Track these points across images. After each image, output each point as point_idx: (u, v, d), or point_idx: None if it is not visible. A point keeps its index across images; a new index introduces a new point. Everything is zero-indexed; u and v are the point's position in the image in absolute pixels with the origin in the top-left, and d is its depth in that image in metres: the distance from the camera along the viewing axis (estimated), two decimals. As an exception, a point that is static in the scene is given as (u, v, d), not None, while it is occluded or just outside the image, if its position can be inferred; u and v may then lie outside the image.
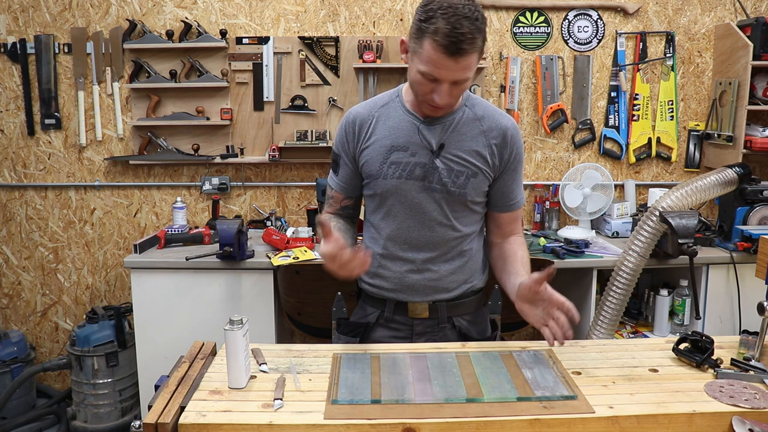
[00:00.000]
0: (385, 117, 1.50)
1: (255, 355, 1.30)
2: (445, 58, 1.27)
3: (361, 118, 1.52)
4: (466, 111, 1.48)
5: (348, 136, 1.53)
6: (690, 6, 3.06)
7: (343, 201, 1.59)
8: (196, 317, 2.57)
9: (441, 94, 1.34)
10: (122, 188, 3.14)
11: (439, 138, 1.46)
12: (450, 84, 1.33)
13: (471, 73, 1.33)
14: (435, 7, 1.27)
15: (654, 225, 2.48)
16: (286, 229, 2.92)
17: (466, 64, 1.30)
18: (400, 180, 1.46)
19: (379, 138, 1.49)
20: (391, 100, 1.53)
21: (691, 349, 1.29)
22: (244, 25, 3.01)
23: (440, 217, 1.48)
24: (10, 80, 3.02)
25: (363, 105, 1.56)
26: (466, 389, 1.14)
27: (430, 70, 1.30)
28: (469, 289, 1.55)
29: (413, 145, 1.46)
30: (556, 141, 3.16)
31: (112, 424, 2.78)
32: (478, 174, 1.47)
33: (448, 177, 1.45)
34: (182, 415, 1.06)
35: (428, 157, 1.45)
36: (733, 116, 2.90)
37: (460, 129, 1.47)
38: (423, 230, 1.49)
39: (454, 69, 1.29)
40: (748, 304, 2.59)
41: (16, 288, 3.21)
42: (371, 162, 1.49)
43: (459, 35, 1.25)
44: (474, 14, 1.27)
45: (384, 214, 1.52)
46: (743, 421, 1.04)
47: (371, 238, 1.57)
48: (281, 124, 3.07)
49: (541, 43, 3.07)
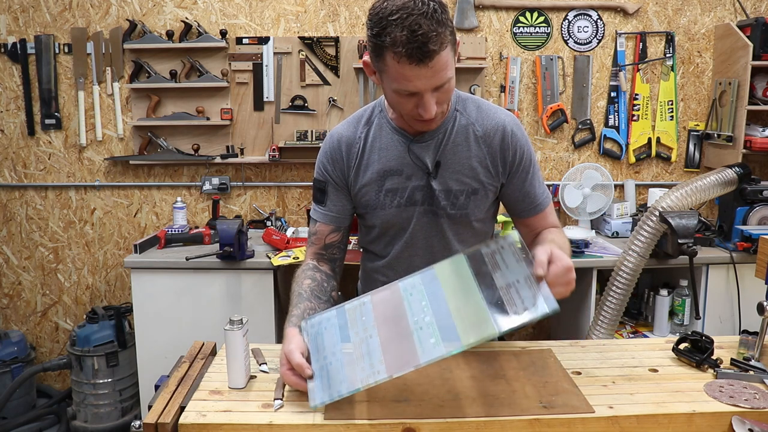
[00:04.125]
0: (373, 137, 1.37)
1: (255, 355, 1.30)
2: (415, 68, 1.11)
3: (347, 140, 1.38)
4: (458, 117, 1.35)
5: (335, 162, 1.38)
6: (690, 6, 3.06)
7: (328, 236, 1.43)
8: (196, 317, 2.57)
9: (426, 106, 1.17)
10: (122, 188, 3.14)
11: (433, 156, 1.33)
12: (431, 92, 1.17)
13: (450, 72, 1.16)
14: (385, 15, 1.11)
15: (654, 225, 2.48)
16: (286, 229, 2.92)
17: (441, 66, 1.13)
18: (399, 208, 1.36)
19: (371, 163, 1.36)
20: (374, 115, 1.39)
21: (691, 349, 1.29)
22: (244, 25, 3.01)
23: (443, 242, 1.39)
24: (10, 80, 3.02)
25: (345, 125, 1.41)
26: (441, 336, 1.01)
27: (403, 86, 1.15)
28: None
29: (407, 167, 1.33)
30: (556, 141, 3.17)
31: (112, 424, 2.78)
32: (478, 190, 1.35)
33: (446, 199, 1.35)
34: (182, 415, 1.06)
35: (425, 179, 1.34)
36: (733, 116, 2.90)
37: (455, 140, 1.34)
38: (426, 256, 1.39)
39: (428, 76, 1.13)
40: (748, 304, 2.59)
41: (17, 288, 3.21)
42: (366, 192, 1.37)
43: (420, 37, 1.08)
44: (430, 7, 1.10)
45: (385, 244, 1.43)
46: (743, 421, 1.04)
47: (371, 265, 1.49)
48: (281, 124, 3.07)
49: (541, 43, 3.07)
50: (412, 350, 1.02)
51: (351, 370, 1.05)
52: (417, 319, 1.06)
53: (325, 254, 1.45)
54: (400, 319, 1.08)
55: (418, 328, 1.05)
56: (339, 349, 1.09)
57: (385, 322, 1.09)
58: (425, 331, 1.04)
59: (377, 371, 1.03)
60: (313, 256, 1.46)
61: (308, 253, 1.47)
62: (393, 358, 1.03)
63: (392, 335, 1.07)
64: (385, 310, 1.11)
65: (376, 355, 1.05)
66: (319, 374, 1.08)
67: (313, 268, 1.41)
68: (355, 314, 1.14)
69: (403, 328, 1.07)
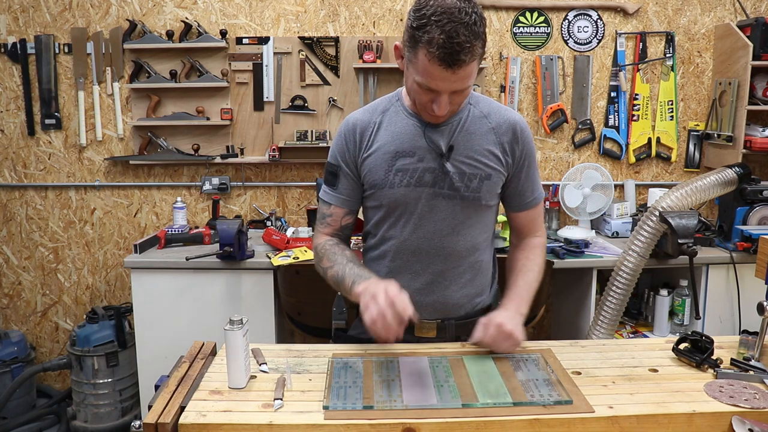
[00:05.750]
0: (387, 122, 1.42)
1: (255, 355, 1.30)
2: (442, 70, 1.19)
3: (362, 124, 1.43)
4: (472, 109, 1.41)
5: (349, 144, 1.43)
6: (690, 6, 3.06)
7: (344, 218, 1.48)
8: (196, 317, 2.57)
9: (440, 104, 1.26)
10: (122, 188, 3.14)
11: (447, 140, 1.37)
12: (450, 94, 1.25)
13: (471, 81, 1.25)
14: (428, 13, 1.17)
15: (654, 225, 2.48)
16: (286, 229, 2.92)
17: (465, 74, 1.21)
18: (408, 188, 1.38)
19: (383, 144, 1.40)
20: (391, 104, 1.45)
21: (691, 349, 1.29)
22: (244, 25, 3.01)
23: (452, 226, 1.40)
24: (10, 80, 3.02)
25: (362, 111, 1.47)
26: (461, 394, 1.13)
27: (426, 81, 1.23)
28: (479, 306, 1.49)
29: (420, 150, 1.38)
30: (556, 141, 3.17)
31: (112, 424, 2.78)
32: (492, 175, 1.40)
33: (460, 181, 1.38)
34: (182, 415, 1.07)
35: (437, 161, 1.37)
36: (733, 116, 2.90)
37: (468, 128, 1.39)
38: (433, 240, 1.41)
39: (452, 80, 1.21)
40: (748, 304, 2.59)
41: (17, 288, 3.21)
42: (375, 170, 1.40)
43: (455, 45, 1.16)
44: (471, 18, 1.17)
45: (390, 226, 1.44)
46: (743, 421, 1.04)
47: (375, 251, 1.49)
48: (281, 124, 3.07)
49: (541, 43, 3.07)
50: (429, 395, 1.13)
51: (368, 395, 1.13)
52: (439, 379, 1.19)
53: (342, 234, 1.51)
54: (424, 377, 1.21)
55: (438, 386, 1.16)
56: (360, 382, 1.18)
57: (410, 375, 1.21)
58: (445, 388, 1.15)
59: (394, 400, 1.11)
60: (329, 236, 1.50)
61: (322, 233, 1.50)
62: (411, 394, 1.13)
63: (413, 383, 1.18)
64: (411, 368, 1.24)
65: (396, 391, 1.14)
66: (337, 393, 1.14)
67: (338, 243, 1.48)
68: (380, 365, 1.26)
69: (425, 381, 1.18)
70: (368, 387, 1.15)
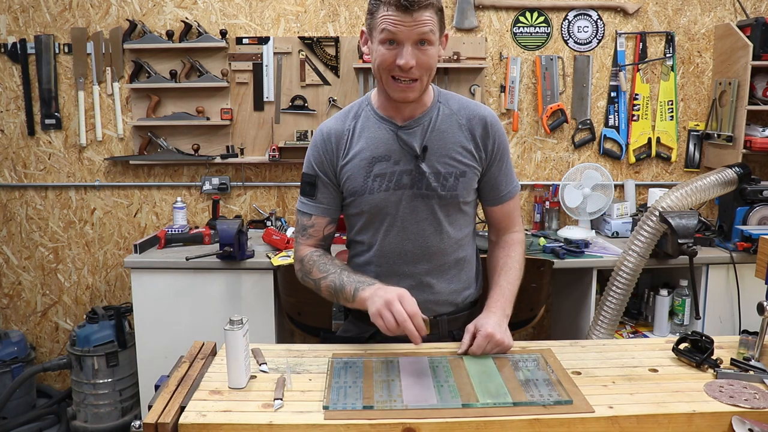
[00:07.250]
0: (361, 128, 1.43)
1: (255, 355, 1.30)
2: (401, 14, 1.25)
3: (337, 133, 1.44)
4: (441, 108, 1.44)
5: (325, 154, 1.44)
6: (690, 6, 3.06)
7: (326, 228, 1.48)
8: (196, 317, 2.57)
9: (404, 55, 1.28)
10: (122, 188, 3.14)
11: (420, 140, 1.40)
12: (412, 45, 1.28)
13: (432, 36, 1.29)
14: None
15: (654, 225, 2.48)
16: (286, 229, 2.92)
17: (423, 20, 1.26)
18: (387, 192, 1.40)
19: (359, 151, 1.42)
20: (362, 109, 1.46)
21: (690, 349, 1.29)
22: (244, 25, 3.01)
23: (434, 225, 1.43)
24: (10, 80, 3.02)
25: (334, 119, 1.48)
26: (461, 394, 1.13)
27: (387, 34, 1.27)
28: (468, 299, 1.52)
29: (395, 153, 1.40)
30: (555, 141, 3.17)
31: (112, 424, 2.78)
32: (466, 172, 1.43)
33: (436, 181, 1.40)
34: (182, 415, 1.07)
35: (413, 162, 1.40)
36: (733, 116, 2.90)
37: (440, 127, 1.42)
38: (418, 241, 1.44)
39: (411, 25, 1.26)
40: (748, 304, 2.59)
41: (17, 288, 3.21)
42: (354, 177, 1.42)
43: None
44: None
45: (374, 231, 1.45)
46: (743, 421, 1.04)
47: (361, 258, 1.49)
48: (281, 124, 3.07)
49: (541, 43, 3.07)
50: (429, 395, 1.13)
51: (368, 395, 1.13)
52: (439, 379, 1.20)
53: (324, 245, 1.51)
54: (424, 377, 1.22)
55: (438, 386, 1.17)
56: (360, 382, 1.19)
57: (410, 375, 1.22)
58: (445, 388, 1.16)
59: (393, 400, 1.11)
60: (314, 247, 1.49)
61: (305, 245, 1.50)
62: (411, 394, 1.13)
63: (413, 383, 1.18)
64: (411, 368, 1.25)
65: (396, 391, 1.15)
66: (337, 393, 1.14)
67: (325, 254, 1.48)
68: (380, 365, 1.27)
69: (424, 381, 1.19)
70: (368, 387, 1.16)
